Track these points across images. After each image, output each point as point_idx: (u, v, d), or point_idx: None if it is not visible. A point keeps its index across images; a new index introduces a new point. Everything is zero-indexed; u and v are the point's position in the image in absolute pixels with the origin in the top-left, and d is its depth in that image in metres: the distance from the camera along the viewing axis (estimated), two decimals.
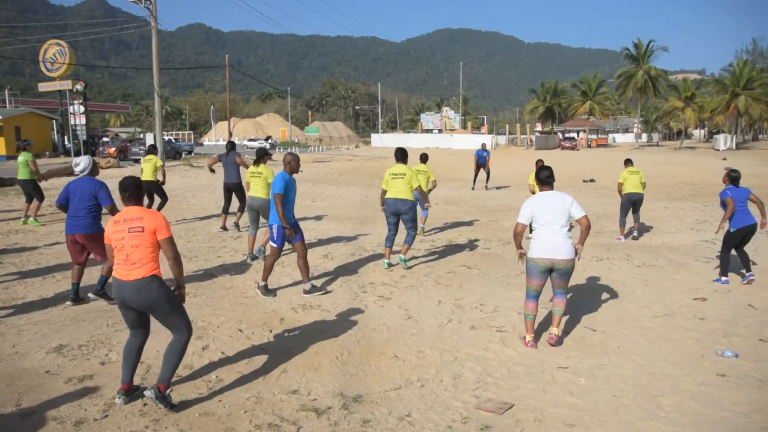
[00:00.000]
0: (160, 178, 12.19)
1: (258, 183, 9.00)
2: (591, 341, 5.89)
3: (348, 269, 8.65)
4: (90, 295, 6.75)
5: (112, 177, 22.33)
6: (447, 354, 5.47)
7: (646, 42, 62.88)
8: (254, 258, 9.00)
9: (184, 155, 38.66)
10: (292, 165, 7.28)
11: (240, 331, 5.95)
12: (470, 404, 4.48)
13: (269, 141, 64.02)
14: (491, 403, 4.47)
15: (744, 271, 8.17)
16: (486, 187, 21.58)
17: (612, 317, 6.60)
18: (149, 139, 35.99)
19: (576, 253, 5.60)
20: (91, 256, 6.71)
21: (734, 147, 55.36)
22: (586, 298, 7.34)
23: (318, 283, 7.77)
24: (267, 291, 7.26)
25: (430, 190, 11.38)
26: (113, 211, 6.44)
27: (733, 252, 8.24)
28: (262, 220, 9.08)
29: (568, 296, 6.10)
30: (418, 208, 11.31)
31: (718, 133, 67.90)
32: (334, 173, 29.59)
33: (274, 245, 7.18)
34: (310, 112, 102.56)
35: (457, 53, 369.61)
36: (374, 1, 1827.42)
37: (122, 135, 60.62)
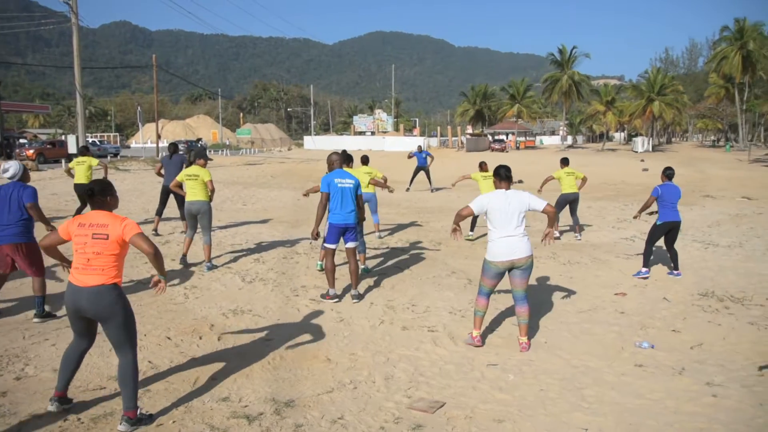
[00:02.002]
0: (101, 176, 11.68)
1: (195, 185, 8.68)
2: None
3: (280, 273, 8.56)
4: (35, 320, 6.24)
5: (30, 180, 21.24)
6: (379, 355, 5.50)
7: (570, 48, 65.44)
8: (186, 263, 8.74)
9: (109, 158, 37.22)
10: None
11: (168, 338, 5.78)
12: (402, 404, 4.52)
13: (200, 143, 62.53)
14: (423, 403, 4.53)
15: (673, 268, 8.64)
16: (431, 189, 21.67)
17: (540, 314, 6.81)
18: (71, 141, 34.42)
19: (545, 239, 5.67)
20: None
21: (651, 149, 58.37)
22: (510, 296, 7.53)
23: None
24: (335, 297, 7.17)
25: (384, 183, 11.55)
26: (34, 208, 6.12)
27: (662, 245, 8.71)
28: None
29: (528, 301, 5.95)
30: (370, 214, 11.35)
31: (636, 136, 71.41)
32: (266, 176, 29.19)
33: (330, 246, 7.14)
34: (241, 114, 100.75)
35: (389, 56, 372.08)
36: (306, 3, 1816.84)
37: (41, 137, 57.70)
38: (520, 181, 24.94)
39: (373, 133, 69.17)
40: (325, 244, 7.21)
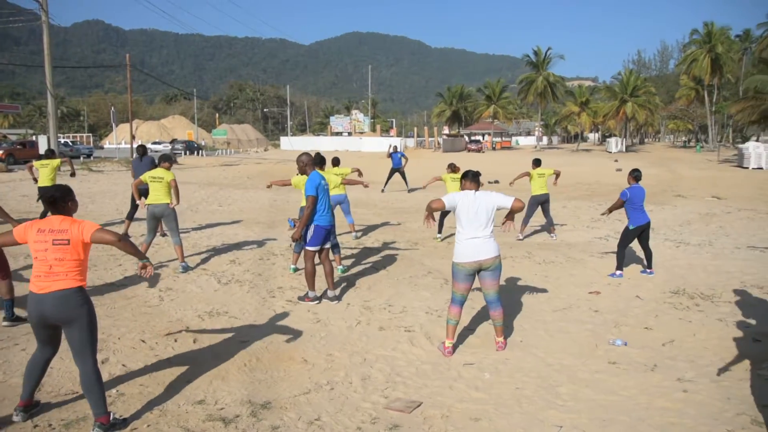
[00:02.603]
0: (68, 173, 11.50)
1: (159, 188, 8.59)
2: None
3: (256, 274, 8.51)
4: (4, 324, 6.09)
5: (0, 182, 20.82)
6: (356, 356, 5.51)
7: (545, 50, 66.14)
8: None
9: (82, 159, 36.62)
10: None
11: (143, 342, 5.72)
12: (379, 404, 4.53)
13: (174, 144, 61.84)
14: (400, 403, 4.55)
15: (646, 266, 8.78)
16: (407, 190, 21.72)
17: (515, 313, 6.87)
18: (42, 142, 33.79)
19: (504, 225, 5.71)
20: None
21: (624, 150, 59.27)
22: None
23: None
24: (315, 299, 7.14)
25: (360, 176, 11.85)
26: None
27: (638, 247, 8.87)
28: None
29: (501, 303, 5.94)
30: (343, 215, 11.36)
31: (610, 136, 72.47)
32: (242, 177, 28.99)
33: (309, 248, 7.09)
34: (217, 115, 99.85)
35: (366, 57, 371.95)
36: (282, 3, 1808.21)
37: (11, 137, 56.53)
38: (496, 181, 25.14)
39: (350, 134, 69.19)
40: (308, 247, 7.13)
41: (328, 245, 7.25)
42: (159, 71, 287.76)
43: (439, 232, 11.74)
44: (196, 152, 55.08)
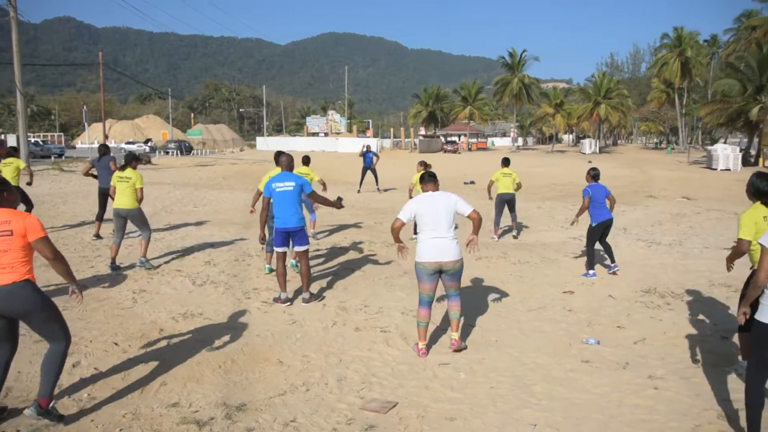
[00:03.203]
0: (25, 181, 11.23)
1: (126, 189, 8.50)
2: (471, 337, 6.14)
3: (231, 275, 8.45)
4: None
5: None
6: (332, 357, 5.50)
7: (520, 52, 66.72)
8: (116, 268, 8.53)
9: (53, 159, 35.95)
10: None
11: (115, 344, 5.64)
12: (355, 405, 4.53)
13: (149, 144, 61.08)
14: (375, 403, 4.55)
15: (609, 262, 8.91)
16: (378, 189, 21.78)
17: (490, 313, 6.93)
18: (11, 141, 33.11)
19: (470, 245, 5.65)
20: None
21: (598, 151, 60.13)
22: (466, 296, 7.60)
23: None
24: (287, 300, 7.11)
25: (323, 191, 11.65)
26: None
27: (598, 246, 8.97)
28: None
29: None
30: (306, 212, 11.32)
31: (584, 137, 73.45)
32: (217, 177, 28.73)
33: (277, 249, 7.12)
34: (192, 115, 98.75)
35: (343, 57, 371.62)
36: (258, 3, 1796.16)
37: None
38: (472, 182, 25.32)
39: (326, 134, 68.95)
40: (274, 248, 7.15)
41: (299, 248, 7.15)
42: (133, 70, 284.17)
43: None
44: (188, 152, 55.67)
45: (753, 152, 40.18)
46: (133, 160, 8.82)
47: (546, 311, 7.09)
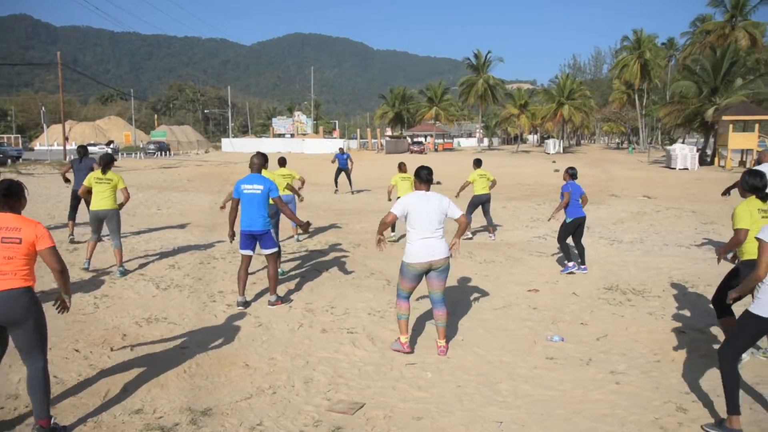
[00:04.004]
0: None
1: (106, 190, 8.37)
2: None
3: (196, 278, 8.34)
4: None
5: None
6: (298, 359, 5.48)
7: (485, 53, 67.41)
8: (89, 268, 8.40)
9: (10, 162, 34.93)
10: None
11: (76, 351, 5.51)
12: (322, 407, 4.52)
13: (111, 146, 59.84)
14: (342, 404, 4.55)
15: (580, 261, 9.07)
16: (351, 191, 21.76)
17: (457, 312, 6.97)
18: None
19: (452, 249, 5.66)
20: None
21: (562, 151, 61.08)
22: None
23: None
24: (243, 303, 7.03)
25: (300, 188, 11.62)
26: None
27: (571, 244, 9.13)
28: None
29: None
30: (286, 220, 11.24)
31: (548, 138, 74.51)
32: (182, 179, 28.30)
33: (241, 252, 7.07)
34: (156, 116, 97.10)
35: (309, 58, 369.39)
36: (222, 3, 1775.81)
37: None
38: (438, 182, 25.43)
39: (292, 136, 68.65)
40: (241, 250, 7.13)
41: (266, 251, 7.10)
42: (93, 70, 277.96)
43: (393, 230, 11.84)
44: (166, 153, 56.37)
45: (709, 152, 41.35)
46: (112, 161, 8.69)
47: (511, 309, 7.18)
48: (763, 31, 47.76)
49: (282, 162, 11.25)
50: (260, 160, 7.21)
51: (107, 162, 8.60)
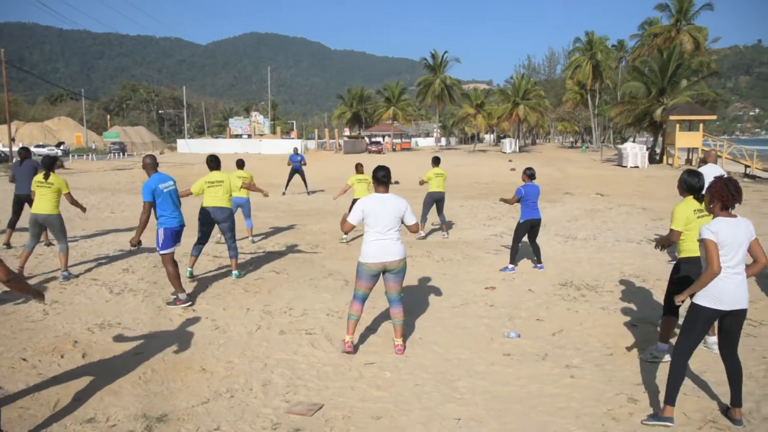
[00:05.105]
0: None
1: (47, 194, 8.11)
2: None
3: (151, 282, 8.17)
4: None
5: None
6: (256, 361, 5.42)
7: (442, 53, 67.93)
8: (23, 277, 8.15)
9: None
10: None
11: (24, 360, 5.33)
12: (280, 409, 4.49)
13: (61, 147, 58.07)
14: (301, 406, 4.53)
15: (536, 259, 9.23)
16: (307, 193, 21.63)
17: (415, 311, 7.02)
18: None
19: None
20: None
21: (518, 150, 62.05)
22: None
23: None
24: (188, 300, 7.02)
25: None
26: None
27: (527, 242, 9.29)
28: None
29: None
30: (243, 218, 11.21)
31: (504, 137, 75.61)
32: (136, 181, 27.63)
33: (163, 252, 7.00)
34: (108, 116, 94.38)
35: (265, 58, 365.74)
36: (177, 1, 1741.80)
37: None
38: (396, 182, 25.52)
39: (249, 136, 67.83)
40: (162, 251, 7.06)
41: (177, 246, 7.25)
42: (41, 69, 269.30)
43: (346, 233, 11.78)
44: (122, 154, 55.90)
45: (658, 150, 42.64)
46: (54, 163, 8.42)
47: (469, 307, 7.26)
48: (706, 35, 49.73)
49: (240, 164, 11.25)
50: (153, 159, 7.34)
51: (48, 165, 8.33)
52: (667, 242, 5.35)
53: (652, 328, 6.28)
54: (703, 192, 5.13)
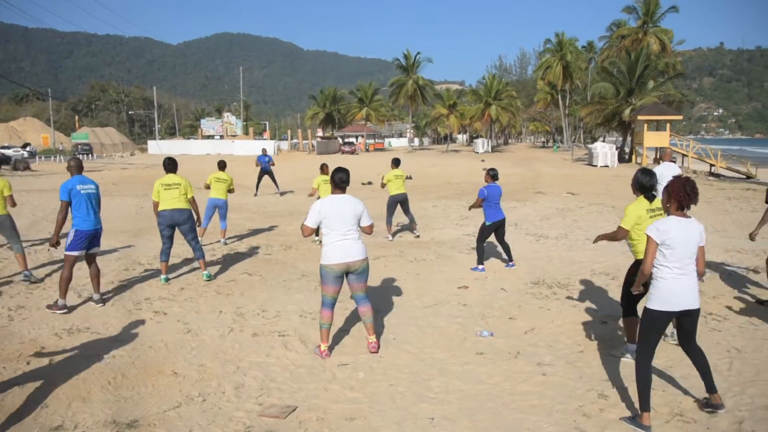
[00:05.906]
0: None
1: None
2: None
3: (121, 285, 8.04)
4: None
5: None
6: (229, 364, 5.37)
7: (414, 54, 68.12)
8: None
9: None
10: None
11: None
12: (253, 412, 4.45)
13: (28, 149, 56.79)
14: (274, 409, 4.50)
15: (507, 257, 9.30)
16: (279, 193, 21.52)
17: (388, 311, 7.03)
18: None
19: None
20: None
21: (490, 150, 62.61)
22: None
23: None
24: (63, 307, 6.83)
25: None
26: None
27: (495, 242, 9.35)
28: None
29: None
30: (219, 221, 11.13)
31: (477, 137, 76.16)
32: (106, 183, 27.17)
33: (69, 253, 6.85)
34: (77, 117, 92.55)
35: (237, 58, 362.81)
36: (145, 0, 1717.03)
37: None
38: (369, 183, 25.53)
39: (222, 137, 67.24)
40: (68, 251, 6.95)
41: (96, 249, 7.22)
42: (5, 68, 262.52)
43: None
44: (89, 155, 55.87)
45: (627, 150, 43.36)
46: (1, 163, 8.25)
47: (442, 307, 7.29)
48: (671, 37, 50.91)
49: (222, 165, 11.22)
50: (78, 161, 7.30)
51: None
52: (612, 238, 5.45)
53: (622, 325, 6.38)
54: (656, 191, 5.24)
